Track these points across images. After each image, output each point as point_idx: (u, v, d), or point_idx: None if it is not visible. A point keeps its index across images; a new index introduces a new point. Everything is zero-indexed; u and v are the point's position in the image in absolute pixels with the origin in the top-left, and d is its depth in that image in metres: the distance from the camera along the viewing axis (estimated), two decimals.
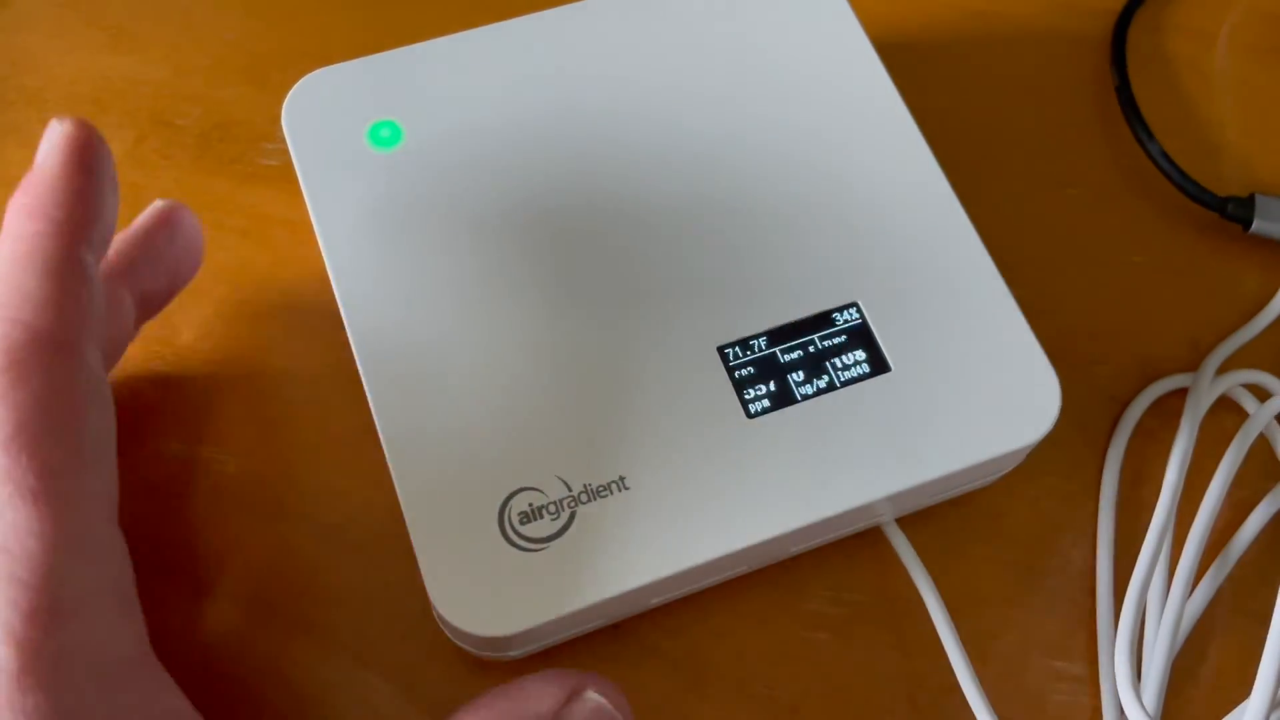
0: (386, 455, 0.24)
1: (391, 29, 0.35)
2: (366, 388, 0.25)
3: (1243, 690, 0.27)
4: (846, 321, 0.26)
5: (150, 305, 0.27)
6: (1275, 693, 0.25)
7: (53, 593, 0.19)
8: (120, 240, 0.26)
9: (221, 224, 0.31)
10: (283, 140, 0.32)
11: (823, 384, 0.26)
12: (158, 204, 0.27)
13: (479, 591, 0.23)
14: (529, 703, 0.21)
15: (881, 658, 0.27)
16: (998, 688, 0.26)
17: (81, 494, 0.20)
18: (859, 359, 0.26)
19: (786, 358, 0.26)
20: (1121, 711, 0.26)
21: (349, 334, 0.26)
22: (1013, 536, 0.28)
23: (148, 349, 0.29)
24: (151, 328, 0.29)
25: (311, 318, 0.30)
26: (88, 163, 0.22)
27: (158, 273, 0.26)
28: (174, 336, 0.29)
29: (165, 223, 0.26)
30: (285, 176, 0.32)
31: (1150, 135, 0.33)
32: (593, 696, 0.22)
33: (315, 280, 0.30)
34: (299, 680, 0.26)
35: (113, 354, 0.26)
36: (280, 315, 0.30)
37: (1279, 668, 0.25)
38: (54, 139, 0.22)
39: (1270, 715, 0.25)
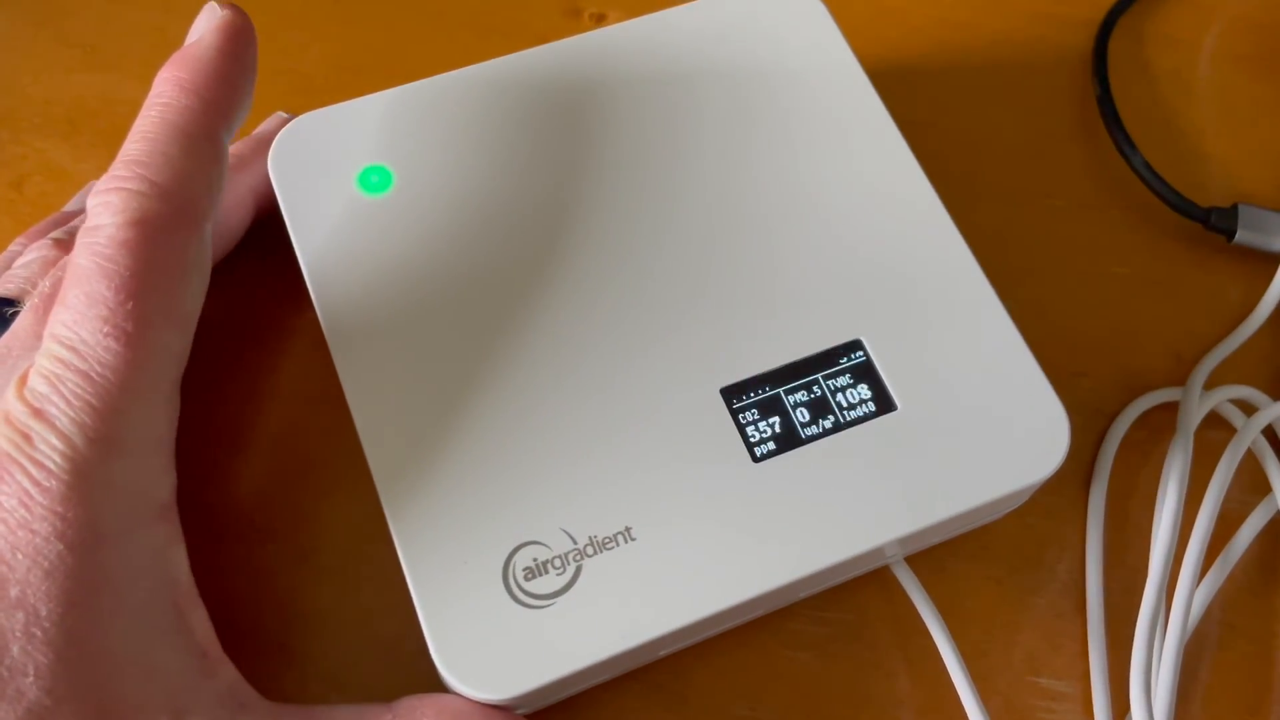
0: (386, 514, 0.24)
1: (365, 46, 0.34)
2: (363, 442, 0.24)
3: (1234, 710, 0.27)
4: (850, 359, 0.25)
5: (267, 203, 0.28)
6: None
7: (116, 426, 0.21)
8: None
9: None
10: None
11: (828, 424, 0.25)
12: (281, 115, 0.29)
13: (486, 652, 0.22)
14: None
15: (865, 677, 0.26)
16: (984, 705, 0.26)
17: (163, 349, 0.22)
18: (864, 398, 0.25)
19: (791, 399, 0.25)
20: None
21: (343, 385, 0.25)
22: (999, 552, 0.28)
23: None
24: None
25: (289, 340, 0.29)
26: (239, 51, 0.24)
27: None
28: None
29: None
30: None
31: (1133, 146, 0.32)
32: None
33: (295, 302, 0.29)
34: None
35: (228, 238, 0.28)
36: (260, 338, 0.29)
37: None
38: (212, 21, 0.24)
39: None
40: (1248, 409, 0.29)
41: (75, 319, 0.21)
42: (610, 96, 0.29)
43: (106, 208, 0.22)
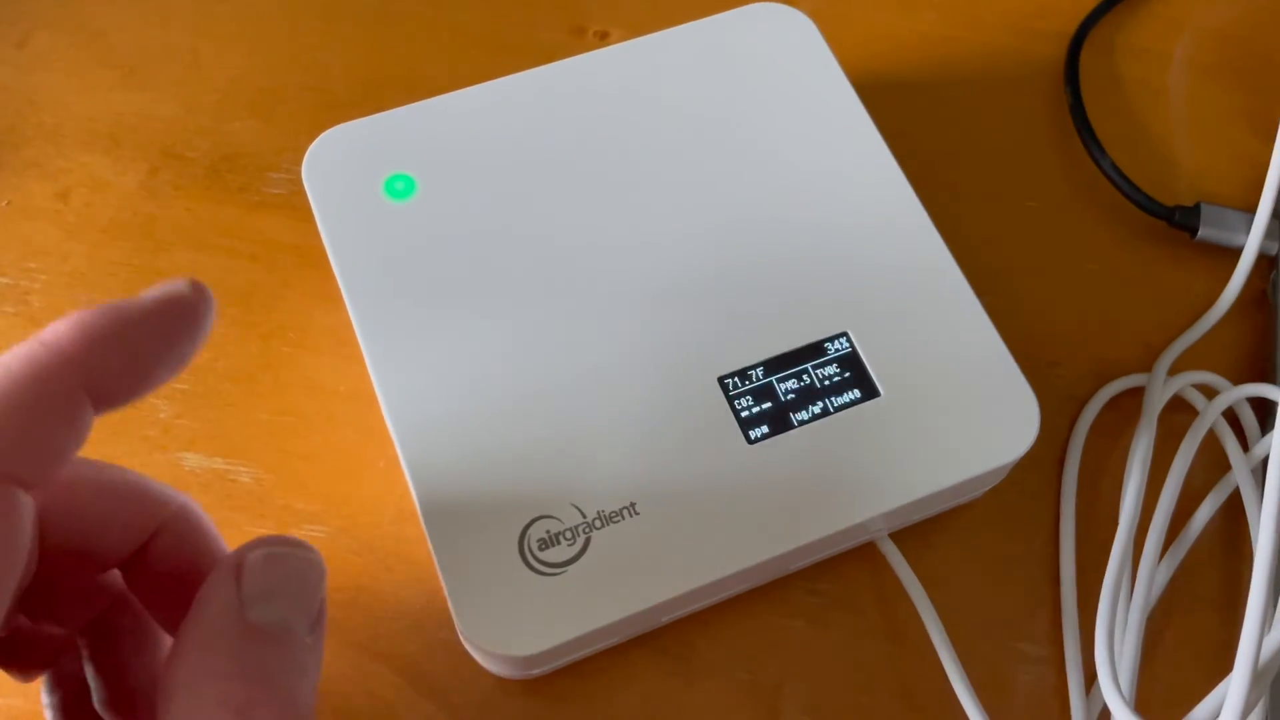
0: (412, 490, 0.25)
1: (387, 63, 0.35)
2: (391, 427, 0.26)
3: (1198, 672, 0.28)
4: (838, 350, 0.27)
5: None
6: (1254, 669, 0.25)
7: None
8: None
9: (232, 249, 0.32)
10: (288, 169, 0.33)
11: (817, 410, 0.26)
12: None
13: (503, 615, 0.24)
14: None
15: (855, 643, 0.28)
16: (966, 668, 0.27)
17: None
18: (850, 385, 0.27)
19: (783, 386, 0.27)
20: (1087, 690, 0.27)
21: (373, 378, 0.26)
22: (979, 527, 0.29)
23: None
24: None
25: (317, 336, 0.30)
26: (167, 321, 0.20)
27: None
28: None
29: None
30: (290, 203, 0.32)
31: (1102, 150, 0.33)
32: None
33: (322, 300, 0.30)
34: None
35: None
36: (288, 334, 0.31)
37: (1255, 648, 0.25)
38: (164, 287, 0.20)
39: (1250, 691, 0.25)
40: (1209, 393, 0.30)
41: None
42: (615, 109, 0.30)
43: None
